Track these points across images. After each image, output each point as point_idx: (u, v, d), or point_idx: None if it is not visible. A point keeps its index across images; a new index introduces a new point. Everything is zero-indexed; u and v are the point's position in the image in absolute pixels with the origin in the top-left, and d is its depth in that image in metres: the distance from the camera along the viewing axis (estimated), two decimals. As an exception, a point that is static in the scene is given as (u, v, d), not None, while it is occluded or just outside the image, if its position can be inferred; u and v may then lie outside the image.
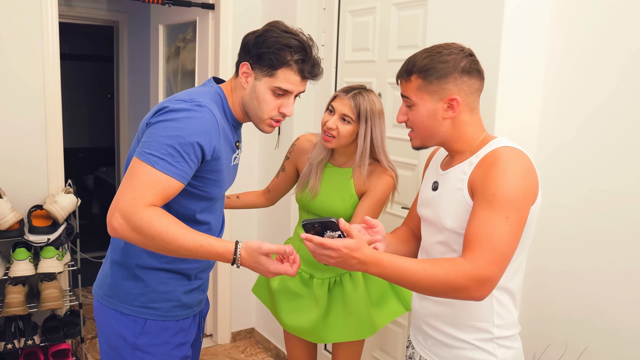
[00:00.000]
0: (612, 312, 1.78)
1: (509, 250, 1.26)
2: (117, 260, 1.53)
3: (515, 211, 1.25)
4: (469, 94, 1.37)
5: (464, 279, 1.23)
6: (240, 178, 3.23)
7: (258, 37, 1.44)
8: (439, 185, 1.44)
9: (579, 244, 1.87)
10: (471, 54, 1.38)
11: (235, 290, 3.38)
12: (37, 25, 2.62)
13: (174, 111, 1.35)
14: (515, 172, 1.26)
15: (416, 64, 1.36)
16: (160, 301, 1.52)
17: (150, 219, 1.28)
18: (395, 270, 1.25)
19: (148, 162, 1.31)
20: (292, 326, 2.04)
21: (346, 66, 2.77)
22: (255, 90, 1.46)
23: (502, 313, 1.38)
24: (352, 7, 2.70)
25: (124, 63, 4.84)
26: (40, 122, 2.69)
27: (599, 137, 1.80)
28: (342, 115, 1.88)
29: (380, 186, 1.92)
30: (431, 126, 1.38)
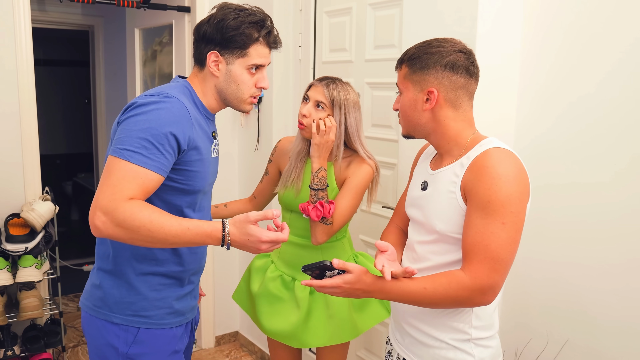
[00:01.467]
0: (591, 304, 1.81)
1: (509, 255, 1.26)
2: (107, 269, 1.50)
3: (511, 215, 1.25)
4: (450, 89, 1.36)
5: (464, 291, 1.26)
6: (221, 183, 3.23)
7: (219, 22, 1.44)
8: (429, 185, 1.43)
9: (558, 234, 1.90)
10: (463, 51, 1.37)
11: (218, 294, 3.36)
12: (10, 31, 2.58)
13: (143, 105, 1.35)
14: (508, 176, 1.26)
15: (408, 53, 1.40)
16: (153, 309, 1.50)
17: (132, 212, 1.25)
18: (398, 293, 1.31)
19: (123, 157, 1.29)
20: (272, 330, 2.00)
21: (324, 67, 2.77)
22: (230, 74, 1.47)
23: (480, 315, 1.39)
24: (328, 8, 2.71)
25: (100, 67, 4.79)
26: (15, 130, 2.65)
27: (575, 130, 1.83)
28: (316, 102, 1.90)
29: (359, 174, 1.92)
30: (412, 116, 1.41)
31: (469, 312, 1.37)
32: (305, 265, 1.34)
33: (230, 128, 3.26)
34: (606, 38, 1.73)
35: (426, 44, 1.39)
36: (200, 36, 1.47)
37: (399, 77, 1.43)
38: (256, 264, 2.12)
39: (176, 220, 1.29)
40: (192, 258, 1.56)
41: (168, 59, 3.36)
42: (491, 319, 1.41)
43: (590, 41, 1.77)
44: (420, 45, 1.40)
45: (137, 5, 3.03)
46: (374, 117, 2.49)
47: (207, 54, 1.46)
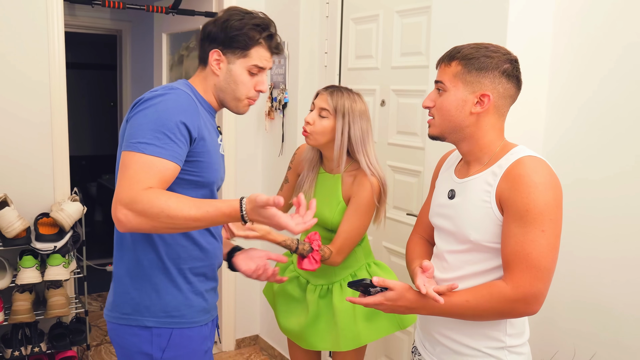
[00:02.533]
0: (617, 301, 1.79)
1: (550, 263, 1.26)
2: (134, 275, 1.50)
3: (550, 223, 1.25)
4: (502, 96, 1.36)
5: (507, 303, 1.27)
6: (244, 187, 3.26)
7: (224, 22, 1.48)
8: (457, 194, 1.42)
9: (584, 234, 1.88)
10: (516, 60, 1.37)
11: (239, 297, 3.39)
12: (44, 35, 2.64)
13: (150, 99, 1.38)
14: (544, 184, 1.26)
15: (461, 51, 1.36)
16: (184, 308, 1.51)
17: (150, 199, 1.26)
18: (441, 308, 1.32)
19: (137, 150, 1.31)
20: (285, 328, 2.07)
21: (349, 73, 2.79)
22: (231, 73, 1.50)
23: (514, 323, 1.38)
24: (355, 15, 2.73)
25: (127, 71, 4.87)
26: (46, 131, 2.71)
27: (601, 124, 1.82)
28: (320, 110, 1.90)
29: (362, 192, 1.89)
30: (455, 116, 1.36)
31: (504, 320, 1.37)
32: (350, 281, 1.40)
33: (254, 133, 3.29)
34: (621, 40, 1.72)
35: (482, 46, 1.36)
36: (205, 35, 1.51)
37: (446, 73, 1.37)
38: (281, 264, 2.14)
39: (194, 204, 1.29)
40: (215, 254, 1.59)
41: (194, 63, 3.40)
42: (523, 326, 1.41)
43: (603, 43, 1.76)
44: (475, 46, 1.36)
45: (165, 10, 3.08)
46: (400, 124, 2.49)
47: (210, 52, 1.49)
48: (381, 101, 2.59)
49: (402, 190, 2.48)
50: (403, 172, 2.47)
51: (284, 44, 3.02)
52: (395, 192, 2.53)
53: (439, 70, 1.41)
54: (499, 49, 1.36)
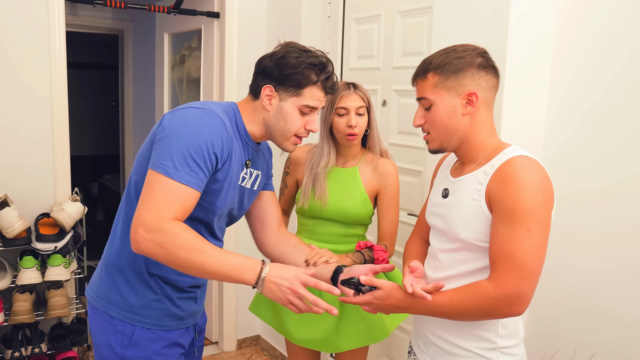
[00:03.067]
0: (618, 309, 1.78)
1: (535, 263, 1.25)
2: (111, 262, 1.52)
3: (537, 223, 1.25)
4: (486, 89, 1.36)
5: (490, 301, 1.26)
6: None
7: (280, 58, 1.45)
8: (450, 193, 1.43)
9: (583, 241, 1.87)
10: (485, 52, 1.38)
11: (241, 297, 3.38)
12: (45, 35, 2.64)
13: (185, 117, 1.36)
14: (533, 184, 1.25)
15: (432, 61, 1.37)
16: (149, 309, 1.50)
17: (176, 233, 1.27)
18: (427, 307, 1.34)
19: (166, 174, 1.30)
20: (303, 339, 2.00)
21: (351, 73, 2.78)
22: (282, 110, 1.47)
23: (506, 324, 1.38)
24: (357, 15, 2.72)
25: (129, 71, 4.87)
26: (47, 131, 2.71)
27: (602, 134, 1.81)
28: (357, 110, 1.93)
29: (392, 180, 2.00)
30: (450, 124, 1.36)
31: (495, 321, 1.37)
32: (343, 280, 1.43)
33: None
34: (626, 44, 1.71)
35: (450, 49, 1.37)
36: (260, 69, 1.49)
37: (425, 87, 1.38)
38: None
39: (216, 249, 1.31)
40: None
41: (196, 63, 3.40)
42: (516, 327, 1.40)
43: (607, 48, 1.75)
44: (444, 52, 1.37)
45: (167, 10, 3.07)
46: (401, 124, 2.49)
47: (263, 87, 1.48)
48: (382, 101, 2.58)
49: (403, 190, 2.46)
50: (404, 172, 2.46)
51: (286, 44, 3.01)
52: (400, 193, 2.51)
53: (417, 88, 1.42)
54: (467, 47, 1.38)
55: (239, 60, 3.14)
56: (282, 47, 1.49)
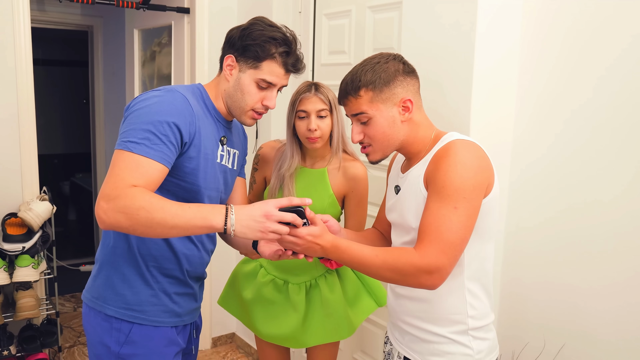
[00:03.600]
0: (589, 322, 1.82)
1: (458, 240, 1.30)
2: (105, 260, 1.52)
3: (464, 201, 1.29)
4: (415, 92, 1.43)
5: (411, 267, 1.29)
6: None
7: (244, 30, 1.47)
8: (401, 188, 1.48)
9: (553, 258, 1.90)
10: (402, 57, 1.45)
11: (215, 295, 3.36)
12: (9, 31, 2.58)
13: (146, 99, 1.38)
14: (464, 164, 1.30)
15: (361, 78, 1.40)
16: (147, 304, 1.49)
17: (133, 196, 1.25)
18: (351, 255, 1.34)
19: (126, 149, 1.31)
20: (270, 334, 2.01)
21: (322, 69, 2.78)
22: (239, 82, 1.48)
23: (474, 303, 1.42)
24: (328, 10, 2.72)
25: (99, 68, 4.80)
26: (13, 129, 2.65)
27: (572, 149, 1.83)
28: (317, 113, 1.88)
29: (361, 183, 1.97)
30: (391, 134, 1.41)
31: (463, 302, 1.41)
32: (285, 207, 1.31)
33: (228, 129, 3.26)
34: (606, 38, 1.74)
35: (369, 63, 1.42)
36: (227, 39, 1.51)
37: (361, 104, 1.40)
38: (244, 269, 2.11)
39: (177, 204, 1.28)
40: (190, 261, 1.56)
41: (167, 59, 3.36)
42: (485, 306, 1.45)
43: (590, 41, 1.78)
44: (370, 69, 1.40)
45: (136, 6, 3.03)
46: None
47: (225, 57, 1.49)
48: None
49: (376, 186, 2.48)
50: (377, 167, 2.47)
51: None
52: (370, 187, 2.52)
53: (350, 105, 1.43)
54: (386, 57, 1.43)
55: (210, 56, 3.12)
56: (252, 19, 1.51)
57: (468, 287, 1.41)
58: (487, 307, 1.46)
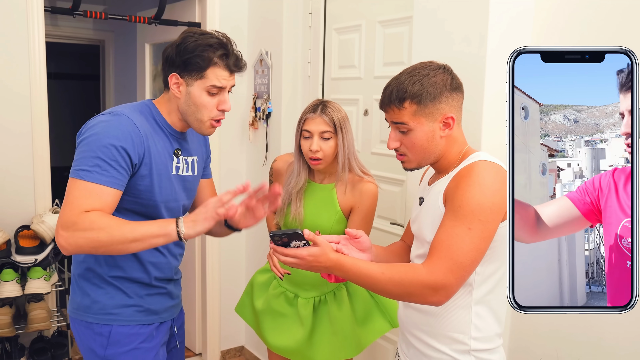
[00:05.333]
0: (604, 332, 1.81)
1: (468, 261, 1.28)
2: (79, 273, 1.59)
3: (479, 223, 1.27)
4: (458, 109, 1.41)
5: (418, 284, 1.28)
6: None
7: (178, 46, 1.49)
8: (425, 200, 1.47)
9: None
10: (449, 68, 1.42)
11: (224, 308, 3.36)
12: (24, 45, 2.62)
13: (94, 125, 1.44)
14: (483, 185, 1.28)
15: (407, 89, 1.36)
16: (121, 307, 1.56)
17: (90, 220, 1.33)
18: (356, 272, 1.33)
19: (79, 177, 1.38)
20: (277, 346, 2.02)
21: (332, 83, 2.80)
22: (190, 96, 1.51)
23: (480, 326, 1.39)
24: (338, 25, 2.74)
25: (110, 81, 4.85)
26: (26, 141, 2.68)
27: None
28: (321, 135, 1.88)
29: (367, 199, 1.93)
30: (429, 147, 1.40)
31: (467, 323, 1.39)
32: (274, 231, 1.33)
33: (238, 143, 3.29)
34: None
35: (422, 75, 1.37)
36: (164, 60, 1.53)
37: (403, 115, 1.37)
38: (259, 280, 2.13)
39: (132, 222, 1.39)
40: (158, 268, 1.62)
41: (178, 73, 3.40)
42: (492, 330, 1.41)
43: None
44: (418, 80, 1.36)
45: (148, 21, 3.07)
46: (383, 133, 2.50)
47: (169, 77, 1.51)
48: (364, 110, 2.60)
49: (385, 200, 2.48)
50: (387, 181, 2.47)
51: (267, 54, 3.02)
52: (379, 201, 2.52)
53: (391, 113, 1.40)
54: (435, 69, 1.39)
55: (221, 70, 3.15)
56: (181, 35, 1.52)
57: (475, 309, 1.39)
58: (494, 332, 1.42)
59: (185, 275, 3.42)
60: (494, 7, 1.84)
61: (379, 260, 1.54)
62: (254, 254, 3.30)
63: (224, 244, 3.31)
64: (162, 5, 2.97)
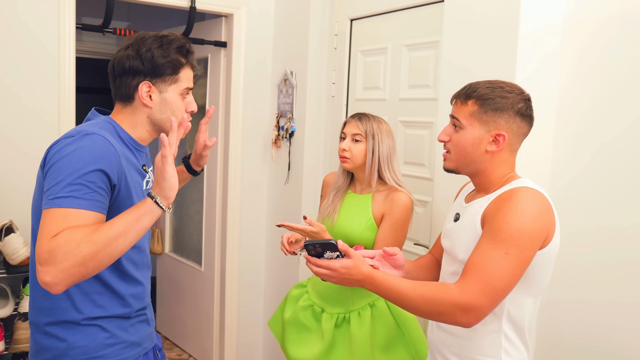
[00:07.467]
0: (624, 344, 1.79)
1: (502, 285, 1.28)
2: (52, 322, 1.41)
3: (516, 249, 1.27)
4: (516, 135, 1.41)
5: (448, 303, 1.28)
6: (249, 215, 3.26)
7: (146, 53, 1.42)
8: (460, 217, 1.47)
9: (589, 277, 1.89)
10: (529, 99, 1.42)
11: (242, 325, 3.36)
12: (54, 61, 2.67)
13: (62, 148, 1.29)
14: (525, 211, 1.29)
15: (477, 90, 1.40)
16: (105, 348, 1.43)
17: (64, 240, 1.17)
18: (387, 287, 1.33)
19: (55, 206, 1.22)
20: (295, 358, 2.06)
21: (357, 104, 2.81)
22: (165, 101, 1.45)
23: (510, 350, 1.40)
24: (363, 48, 2.76)
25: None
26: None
27: (607, 172, 1.84)
28: (352, 137, 2.03)
29: (397, 208, 1.97)
30: (471, 153, 1.41)
31: (498, 347, 1.39)
32: (309, 240, 1.34)
33: (260, 161, 3.30)
34: None
35: (497, 85, 1.40)
36: (124, 71, 1.44)
37: (462, 111, 1.41)
38: (293, 293, 2.19)
39: (107, 223, 1.23)
40: (138, 298, 1.51)
41: (201, 91, 3.43)
42: (520, 355, 1.41)
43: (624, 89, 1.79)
44: (491, 86, 1.40)
45: (175, 39, 3.11)
46: (407, 154, 2.51)
47: (139, 86, 1.44)
48: (389, 132, 2.60)
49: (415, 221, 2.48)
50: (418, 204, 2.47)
51: (292, 73, 3.05)
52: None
53: (455, 107, 1.45)
54: (514, 89, 1.41)
55: (245, 89, 3.18)
56: (136, 42, 1.44)
57: (505, 332, 1.39)
58: (524, 356, 1.42)
59: (205, 291, 3.43)
60: (522, 48, 1.87)
61: (410, 276, 1.55)
62: (273, 273, 3.30)
63: (244, 265, 3.31)
64: (191, 24, 3.01)
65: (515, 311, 1.39)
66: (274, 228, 3.23)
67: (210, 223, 3.38)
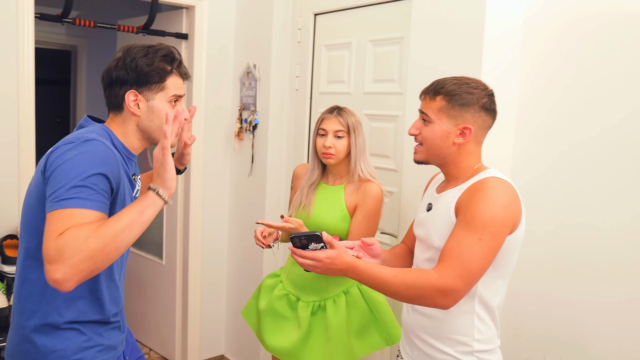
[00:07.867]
0: (588, 337, 1.94)
1: (477, 269, 1.39)
2: (34, 324, 1.42)
3: (489, 235, 1.39)
4: (481, 127, 1.53)
5: (428, 287, 1.38)
6: (211, 207, 3.27)
7: (131, 62, 1.45)
8: (433, 207, 1.58)
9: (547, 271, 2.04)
10: (492, 94, 1.53)
11: (205, 316, 3.38)
12: (13, 52, 2.59)
13: (63, 154, 1.32)
14: (496, 200, 1.41)
15: (445, 86, 1.51)
16: (82, 351, 1.44)
17: (71, 236, 1.19)
18: (370, 275, 1.42)
19: (59, 207, 1.24)
20: (272, 346, 2.10)
21: (321, 97, 2.87)
22: (153, 110, 1.48)
23: (482, 328, 1.51)
24: (327, 42, 2.82)
25: (82, 87, 4.78)
26: (12, 149, 2.64)
27: (569, 174, 1.98)
28: (335, 133, 2.07)
29: (370, 198, 2.06)
30: (440, 146, 1.52)
31: (471, 326, 1.50)
32: (295, 232, 1.41)
33: (222, 153, 3.32)
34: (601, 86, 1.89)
35: (464, 82, 1.51)
36: (112, 81, 1.48)
37: (430, 107, 1.52)
38: (266, 283, 2.23)
39: (112, 217, 1.27)
40: (117, 302, 1.55)
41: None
42: (492, 332, 1.53)
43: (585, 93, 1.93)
44: (457, 82, 1.51)
45: (136, 30, 3.08)
46: (372, 147, 2.59)
47: (125, 95, 1.46)
48: (354, 125, 2.68)
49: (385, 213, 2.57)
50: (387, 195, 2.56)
51: (255, 66, 3.08)
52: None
53: (424, 102, 1.55)
54: (479, 85, 1.52)
55: (207, 81, 3.18)
56: (124, 53, 1.48)
57: (478, 312, 1.51)
58: (494, 334, 1.55)
59: (166, 284, 3.42)
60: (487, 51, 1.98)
61: (386, 264, 1.65)
62: (235, 263, 3.33)
63: (206, 255, 3.33)
64: (152, 16, 2.98)
65: (487, 293, 1.50)
66: (237, 218, 3.26)
67: (172, 215, 3.37)
